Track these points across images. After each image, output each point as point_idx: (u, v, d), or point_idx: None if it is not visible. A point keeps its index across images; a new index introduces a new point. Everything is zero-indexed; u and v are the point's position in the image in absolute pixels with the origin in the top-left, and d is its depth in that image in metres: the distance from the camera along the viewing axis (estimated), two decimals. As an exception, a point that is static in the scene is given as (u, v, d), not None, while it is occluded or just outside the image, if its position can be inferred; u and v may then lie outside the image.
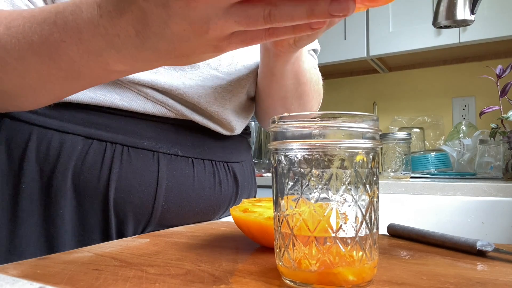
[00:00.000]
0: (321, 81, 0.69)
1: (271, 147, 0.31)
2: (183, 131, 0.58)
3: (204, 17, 0.29)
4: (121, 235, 0.54)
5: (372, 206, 0.29)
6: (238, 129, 0.66)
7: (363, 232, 0.28)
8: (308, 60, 0.62)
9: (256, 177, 0.78)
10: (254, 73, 0.64)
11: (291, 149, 0.29)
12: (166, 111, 0.56)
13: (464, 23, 0.68)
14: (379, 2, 0.33)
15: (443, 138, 1.85)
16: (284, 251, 0.29)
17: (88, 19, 0.33)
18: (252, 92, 0.67)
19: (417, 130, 1.84)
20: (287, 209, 0.29)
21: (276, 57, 0.55)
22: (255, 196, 0.76)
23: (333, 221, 0.27)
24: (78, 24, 0.34)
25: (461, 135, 1.61)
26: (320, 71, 0.71)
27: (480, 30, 1.51)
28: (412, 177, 1.41)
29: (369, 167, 0.29)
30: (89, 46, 0.34)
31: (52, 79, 0.39)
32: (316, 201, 0.28)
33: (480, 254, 0.38)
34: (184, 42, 0.31)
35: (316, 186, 0.28)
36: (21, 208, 0.50)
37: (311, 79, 0.64)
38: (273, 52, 0.54)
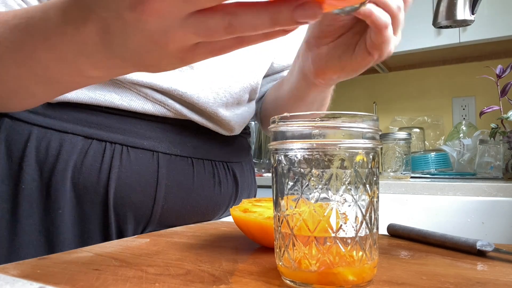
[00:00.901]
0: None
1: (271, 147, 0.31)
2: (183, 131, 0.58)
3: (160, 30, 0.28)
4: (121, 234, 0.54)
5: (372, 206, 0.29)
6: (238, 130, 0.66)
7: (363, 232, 0.28)
8: None
9: (256, 177, 0.78)
10: (253, 74, 0.64)
11: (291, 149, 0.29)
12: (165, 111, 0.56)
13: (464, 23, 0.68)
14: (350, 2, 0.32)
15: (443, 138, 1.85)
16: (284, 251, 0.29)
17: (56, 26, 0.32)
18: (255, 94, 0.67)
19: (417, 130, 1.84)
20: (287, 209, 0.29)
21: (314, 87, 0.58)
22: (255, 196, 0.76)
23: (333, 221, 0.27)
24: (48, 30, 0.33)
25: (461, 135, 1.61)
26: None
27: (480, 30, 1.51)
28: (412, 177, 1.41)
29: (369, 167, 0.29)
30: (61, 53, 0.33)
31: (32, 84, 0.39)
32: (316, 201, 0.28)
33: (480, 254, 0.38)
34: (148, 54, 0.30)
35: (316, 186, 0.28)
36: (20, 208, 0.50)
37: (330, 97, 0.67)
38: (312, 82, 0.56)
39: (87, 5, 0.29)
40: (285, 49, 0.73)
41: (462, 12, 0.67)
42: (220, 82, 0.59)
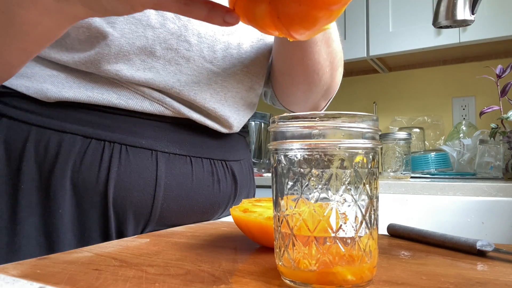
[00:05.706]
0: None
1: (271, 147, 0.31)
2: (181, 129, 0.58)
3: None
4: (120, 234, 0.54)
5: (372, 206, 0.29)
6: (237, 126, 0.66)
7: (362, 232, 0.28)
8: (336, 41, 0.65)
9: (255, 177, 0.78)
10: (250, 69, 0.63)
11: (291, 149, 0.29)
12: (163, 109, 0.56)
13: (464, 23, 0.68)
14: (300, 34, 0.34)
15: (443, 138, 1.85)
16: (284, 251, 0.29)
17: None
18: (258, 88, 0.66)
19: (417, 130, 1.84)
20: (287, 209, 0.29)
21: None
22: (254, 195, 0.76)
23: (333, 221, 0.27)
24: None
25: (461, 135, 1.61)
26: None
27: (480, 30, 1.51)
28: (412, 177, 1.41)
29: (369, 167, 0.29)
30: None
31: None
32: (316, 201, 0.28)
33: (480, 254, 0.38)
34: None
35: (316, 186, 0.28)
36: (20, 208, 0.50)
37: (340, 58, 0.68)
38: None
39: None
40: None
41: (462, 12, 0.67)
42: (216, 78, 0.59)
